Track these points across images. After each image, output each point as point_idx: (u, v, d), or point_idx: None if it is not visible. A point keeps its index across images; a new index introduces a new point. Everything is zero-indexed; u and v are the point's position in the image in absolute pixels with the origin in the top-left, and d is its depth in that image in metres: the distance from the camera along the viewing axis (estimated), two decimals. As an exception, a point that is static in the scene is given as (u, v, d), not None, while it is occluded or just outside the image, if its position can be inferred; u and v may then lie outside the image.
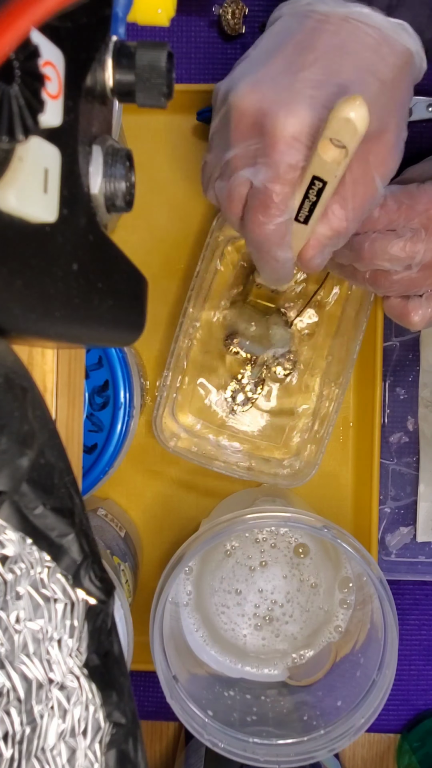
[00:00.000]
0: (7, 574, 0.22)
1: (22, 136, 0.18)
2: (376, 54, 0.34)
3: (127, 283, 0.27)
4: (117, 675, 0.24)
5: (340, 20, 0.34)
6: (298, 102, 0.33)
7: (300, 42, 0.35)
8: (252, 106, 0.34)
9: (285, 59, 0.35)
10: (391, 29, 0.35)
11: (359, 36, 0.34)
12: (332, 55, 0.34)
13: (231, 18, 0.53)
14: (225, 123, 0.36)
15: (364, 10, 0.34)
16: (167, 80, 0.25)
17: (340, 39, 0.34)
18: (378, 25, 0.34)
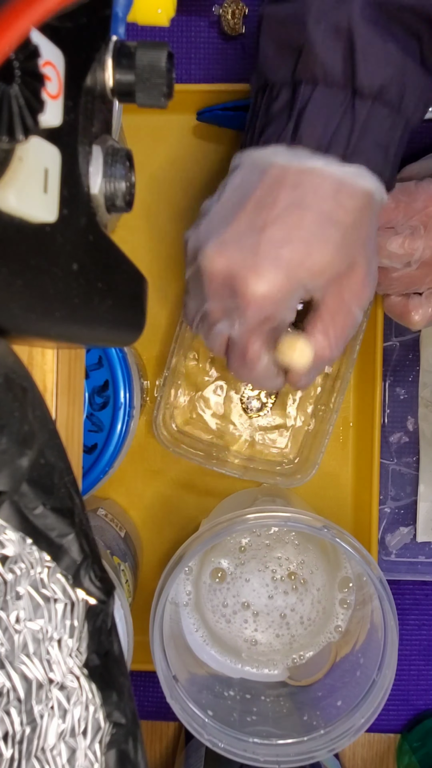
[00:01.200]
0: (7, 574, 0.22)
1: (22, 136, 0.18)
2: (335, 201, 0.36)
3: (127, 283, 0.27)
4: (117, 675, 0.24)
5: (297, 173, 0.36)
6: (263, 264, 0.36)
7: (260, 199, 0.37)
8: (221, 269, 0.37)
9: (247, 217, 0.37)
10: (348, 175, 0.36)
11: (316, 187, 0.36)
12: (292, 210, 0.36)
13: (231, 18, 0.53)
14: (198, 279, 0.39)
15: (319, 162, 0.36)
16: (167, 80, 0.25)
17: (298, 193, 0.36)
18: (333, 174, 0.36)
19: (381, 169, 0.37)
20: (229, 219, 0.37)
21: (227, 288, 0.37)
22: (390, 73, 0.35)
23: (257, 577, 0.52)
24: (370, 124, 0.37)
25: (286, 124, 0.37)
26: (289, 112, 0.37)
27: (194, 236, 0.39)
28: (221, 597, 0.52)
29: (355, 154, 0.36)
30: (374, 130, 0.37)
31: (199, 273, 0.38)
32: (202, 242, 0.38)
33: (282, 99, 0.38)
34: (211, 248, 0.37)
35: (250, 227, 0.36)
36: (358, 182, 0.36)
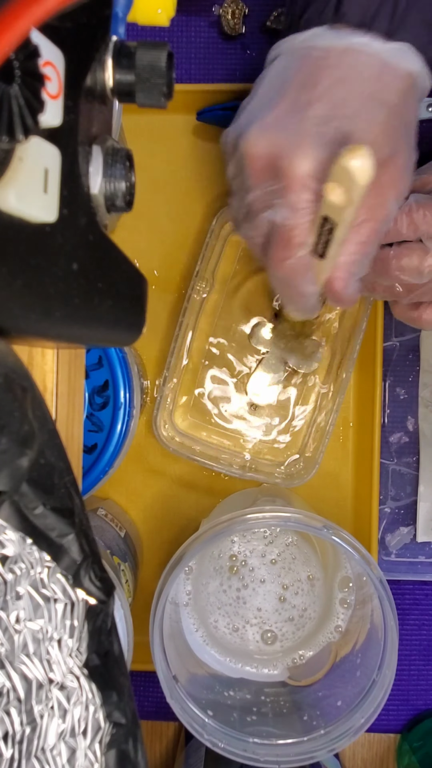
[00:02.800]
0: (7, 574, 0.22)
1: (22, 136, 0.18)
2: (379, 82, 0.35)
3: (127, 283, 0.27)
4: (117, 675, 0.24)
5: (340, 53, 0.35)
6: (307, 142, 0.34)
7: (302, 81, 0.35)
8: (263, 151, 0.35)
9: (289, 100, 0.35)
10: (392, 54, 0.35)
11: (360, 66, 0.35)
12: (335, 89, 0.35)
13: (231, 18, 0.53)
14: (240, 169, 0.37)
15: (362, 39, 0.35)
16: (167, 80, 0.25)
17: (341, 72, 0.35)
18: (378, 53, 0.35)
19: (426, 48, 0.36)
20: (271, 103, 0.36)
21: (271, 170, 0.35)
22: None
23: (257, 576, 0.52)
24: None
25: (327, 2, 0.35)
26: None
27: (234, 128, 0.37)
28: (221, 597, 0.52)
29: (400, 29, 0.35)
30: (420, 4, 0.35)
31: (241, 160, 0.36)
32: (243, 129, 0.36)
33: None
34: (253, 132, 0.35)
35: (293, 108, 0.35)
36: (402, 63, 0.35)
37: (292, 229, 0.36)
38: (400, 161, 0.36)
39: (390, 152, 0.36)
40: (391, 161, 0.36)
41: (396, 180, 0.37)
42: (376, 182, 0.35)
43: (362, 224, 0.36)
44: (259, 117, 0.36)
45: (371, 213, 0.36)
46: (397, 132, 0.36)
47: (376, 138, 0.35)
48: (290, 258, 0.37)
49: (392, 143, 0.36)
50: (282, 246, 0.37)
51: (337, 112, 0.34)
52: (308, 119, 0.34)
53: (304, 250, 0.37)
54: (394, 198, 0.37)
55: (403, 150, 0.37)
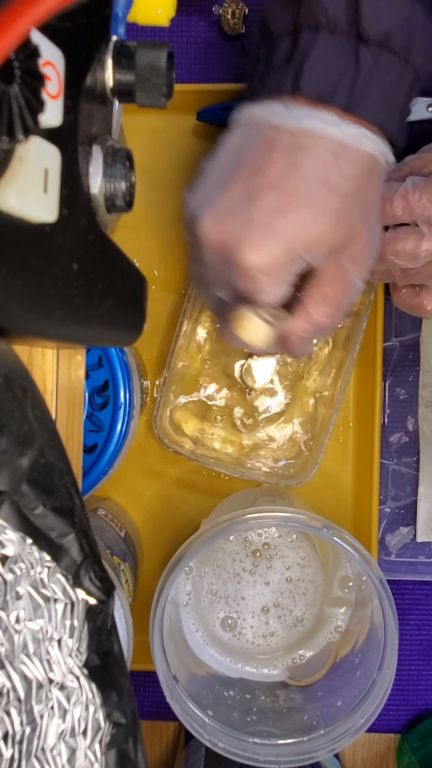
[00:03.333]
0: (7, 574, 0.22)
1: (22, 136, 0.18)
2: (333, 168, 0.34)
3: (127, 283, 0.27)
4: (117, 675, 0.24)
5: (294, 136, 0.34)
6: (257, 235, 0.34)
7: (254, 163, 0.35)
8: (216, 240, 0.36)
9: (242, 184, 0.35)
10: (349, 138, 0.34)
11: (314, 152, 0.34)
12: (287, 176, 0.34)
13: (231, 18, 0.53)
14: (195, 246, 0.38)
15: (317, 123, 0.34)
16: (167, 80, 0.25)
17: (293, 157, 0.34)
18: (333, 137, 0.34)
19: (386, 123, 0.35)
20: (224, 185, 0.36)
21: (222, 258, 0.36)
22: (396, 18, 0.34)
23: (257, 576, 0.52)
24: (376, 72, 0.34)
25: (286, 73, 0.35)
26: (289, 61, 0.35)
27: (191, 202, 0.37)
28: (221, 597, 0.52)
29: (359, 104, 0.34)
30: (380, 79, 0.35)
31: (196, 243, 0.37)
32: (198, 210, 0.36)
33: (283, 48, 0.36)
34: (206, 218, 0.36)
35: (245, 194, 0.35)
36: (360, 145, 0.35)
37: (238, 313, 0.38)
38: (359, 242, 0.37)
39: (346, 236, 0.36)
40: (349, 245, 0.37)
41: (357, 259, 0.37)
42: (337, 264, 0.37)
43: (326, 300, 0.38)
44: (212, 201, 0.36)
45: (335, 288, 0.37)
46: (354, 216, 0.36)
47: (331, 228, 0.35)
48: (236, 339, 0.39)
49: (348, 228, 0.36)
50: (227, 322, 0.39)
51: (288, 204, 0.34)
52: (260, 210, 0.34)
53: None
54: (357, 275, 0.38)
55: (363, 231, 0.37)
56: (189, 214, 0.38)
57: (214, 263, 0.37)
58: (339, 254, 0.36)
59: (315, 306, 0.38)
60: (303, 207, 0.34)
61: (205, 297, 0.42)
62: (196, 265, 0.40)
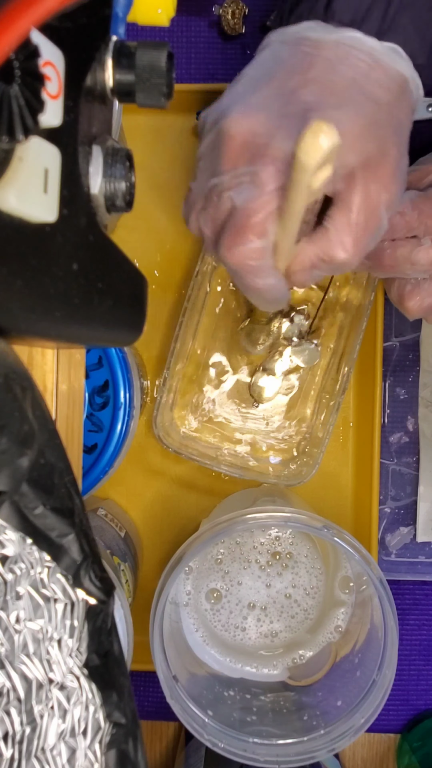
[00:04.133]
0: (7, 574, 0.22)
1: (22, 136, 0.18)
2: (369, 77, 0.33)
3: (127, 283, 0.27)
4: (117, 675, 0.24)
5: (331, 46, 0.34)
6: (288, 125, 0.32)
7: (292, 66, 0.34)
8: (244, 130, 0.33)
9: (277, 83, 0.33)
10: (384, 53, 0.34)
11: (351, 60, 0.33)
12: (324, 78, 0.33)
13: (231, 18, 0.53)
14: (214, 149, 0.34)
15: (355, 34, 0.34)
16: (167, 80, 0.25)
17: (331, 64, 0.33)
18: (369, 49, 0.34)
19: (416, 53, 0.35)
20: (257, 85, 0.34)
21: (247, 152, 0.33)
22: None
23: (246, 575, 0.52)
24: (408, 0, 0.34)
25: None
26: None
27: (216, 107, 0.35)
28: (227, 612, 0.52)
29: (391, 30, 0.34)
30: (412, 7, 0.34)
31: (218, 139, 0.34)
32: (225, 108, 0.34)
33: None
34: (236, 111, 0.33)
35: (281, 91, 0.33)
36: (394, 63, 0.34)
37: (253, 211, 0.32)
38: (389, 163, 0.34)
39: (377, 153, 0.33)
40: (378, 164, 0.33)
41: (386, 184, 0.34)
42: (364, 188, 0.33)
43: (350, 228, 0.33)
44: (243, 98, 0.34)
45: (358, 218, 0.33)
46: (385, 131, 0.34)
47: (364, 132, 0.33)
48: (244, 245, 0.33)
49: (379, 141, 0.33)
50: (238, 230, 0.33)
51: (324, 100, 0.32)
52: (294, 103, 0.32)
53: (260, 239, 0.33)
54: (383, 204, 0.34)
55: (393, 152, 0.34)
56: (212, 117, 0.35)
57: (236, 161, 0.33)
58: (368, 176, 0.33)
59: (336, 232, 0.33)
60: (339, 105, 0.32)
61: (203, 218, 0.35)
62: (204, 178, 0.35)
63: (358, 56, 0.33)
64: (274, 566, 0.52)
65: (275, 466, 0.54)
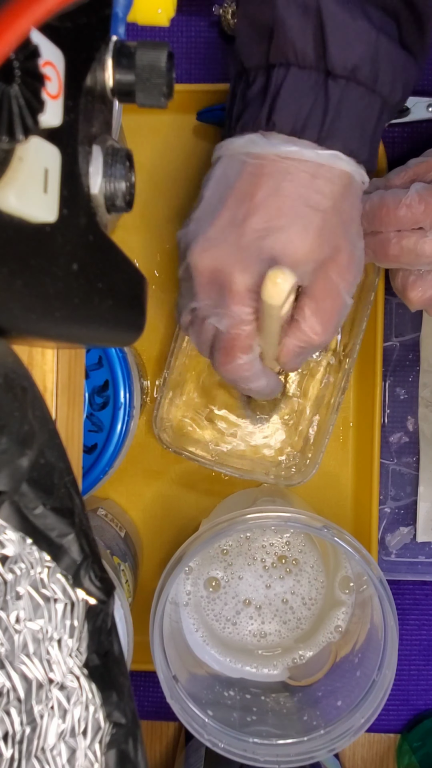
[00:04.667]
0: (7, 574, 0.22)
1: (22, 136, 0.18)
2: (312, 188, 0.36)
3: (127, 283, 0.27)
4: (117, 675, 0.24)
5: (274, 162, 0.36)
6: (245, 258, 0.36)
7: (240, 192, 0.37)
8: (207, 266, 0.37)
9: (229, 212, 0.37)
10: (323, 160, 0.36)
11: (293, 175, 0.36)
12: (270, 200, 0.36)
13: (231, 18, 0.53)
14: (188, 277, 0.39)
15: (294, 148, 0.36)
16: (167, 80, 0.25)
17: (275, 182, 0.36)
18: (310, 159, 0.36)
19: (357, 151, 0.37)
20: (213, 215, 0.38)
21: (214, 284, 0.38)
22: (362, 52, 0.35)
23: (249, 571, 0.52)
24: (345, 104, 0.36)
25: (260, 109, 0.37)
26: (263, 97, 0.37)
27: (183, 235, 0.39)
28: (221, 603, 0.52)
29: (330, 136, 0.36)
30: (349, 111, 0.36)
31: (189, 271, 0.39)
32: (190, 241, 0.38)
33: (257, 84, 0.37)
34: (197, 246, 0.38)
35: (233, 221, 0.37)
36: (336, 164, 0.36)
37: (235, 337, 0.39)
38: (343, 257, 0.38)
39: (330, 251, 0.38)
40: (334, 258, 0.38)
41: (343, 273, 0.38)
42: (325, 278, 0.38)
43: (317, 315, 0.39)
44: (203, 229, 0.38)
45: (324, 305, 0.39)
46: (335, 232, 0.37)
47: (315, 244, 0.37)
48: (233, 363, 0.40)
49: (331, 243, 0.37)
50: (225, 352, 0.39)
51: (272, 224, 0.36)
52: (247, 234, 0.36)
53: (247, 355, 0.39)
54: (344, 290, 0.39)
55: (345, 246, 0.38)
56: (182, 246, 0.40)
57: (207, 291, 0.38)
58: (326, 271, 0.38)
59: (306, 322, 0.39)
60: (287, 226, 0.36)
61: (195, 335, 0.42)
62: (186, 299, 0.41)
63: (300, 168, 0.36)
64: (278, 569, 0.52)
65: (275, 466, 0.54)
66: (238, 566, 0.52)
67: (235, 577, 0.52)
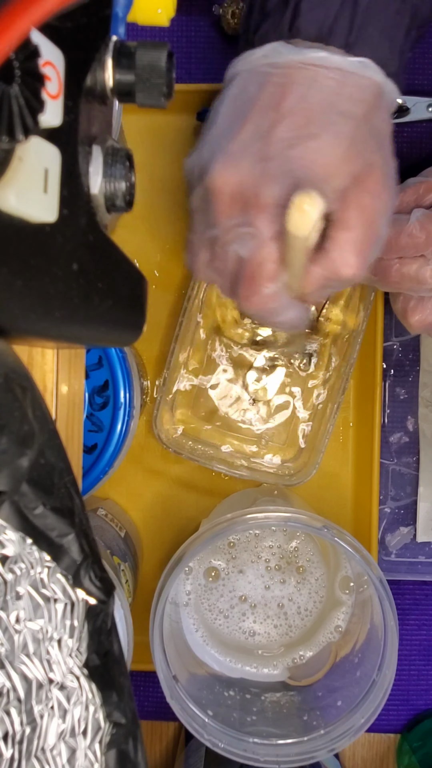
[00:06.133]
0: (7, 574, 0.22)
1: (22, 136, 0.18)
2: (342, 95, 0.33)
3: (127, 283, 0.27)
4: (117, 675, 0.24)
5: (299, 69, 0.33)
6: (273, 168, 0.33)
7: (264, 102, 0.34)
8: (230, 183, 0.33)
9: (252, 123, 0.34)
10: (353, 67, 0.34)
11: (321, 82, 0.33)
12: (298, 107, 0.33)
13: (231, 18, 0.53)
14: (205, 203, 0.35)
15: (320, 53, 0.33)
16: (167, 80, 0.25)
17: (302, 89, 0.33)
18: (338, 66, 0.33)
19: (387, 62, 0.34)
20: (233, 128, 0.34)
21: (239, 202, 0.34)
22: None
23: (251, 568, 0.52)
24: (374, 9, 0.34)
25: (282, 16, 0.34)
26: (285, 4, 0.34)
27: (197, 158, 0.35)
28: (217, 594, 0.52)
29: (358, 43, 0.34)
30: (378, 16, 0.34)
31: (207, 194, 0.35)
32: (207, 161, 0.34)
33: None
34: (218, 164, 0.34)
35: (257, 133, 0.33)
36: (365, 73, 0.34)
37: (261, 261, 0.34)
38: (377, 174, 0.34)
39: (362, 165, 0.34)
40: (366, 177, 0.34)
41: (377, 193, 0.34)
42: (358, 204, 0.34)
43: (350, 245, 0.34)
44: (223, 146, 0.34)
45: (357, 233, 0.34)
46: (366, 144, 0.34)
47: (347, 153, 0.33)
48: (260, 293, 0.35)
49: (363, 156, 0.34)
50: (250, 281, 0.35)
51: (301, 132, 0.33)
52: (273, 143, 0.33)
53: (274, 283, 0.35)
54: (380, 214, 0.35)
55: (379, 162, 0.35)
56: (197, 169, 0.35)
57: (230, 213, 0.34)
58: (359, 191, 0.34)
59: (337, 252, 0.34)
60: (317, 134, 0.33)
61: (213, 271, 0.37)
62: (202, 231, 0.36)
63: (327, 75, 0.33)
64: (281, 572, 0.52)
65: (275, 466, 0.54)
66: (242, 561, 0.52)
67: (236, 571, 0.52)
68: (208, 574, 0.52)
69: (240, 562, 0.52)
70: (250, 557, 0.52)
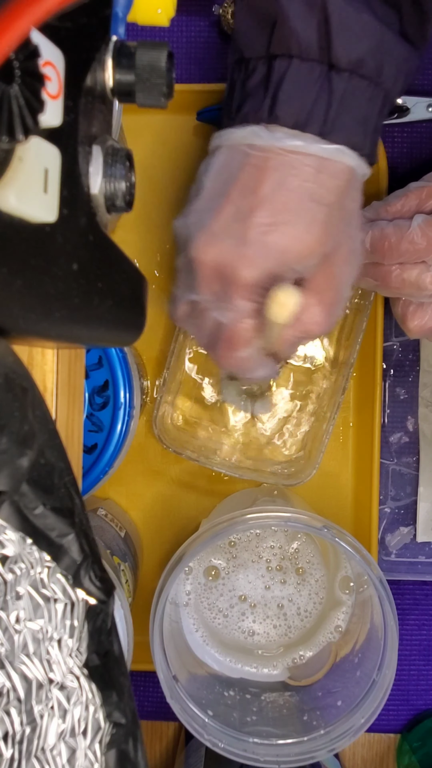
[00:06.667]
0: (7, 574, 0.22)
1: (22, 136, 0.18)
2: (316, 182, 0.36)
3: (127, 283, 0.27)
4: (117, 675, 0.24)
5: (278, 155, 0.36)
6: (251, 251, 0.36)
7: (244, 184, 0.36)
8: (211, 260, 0.37)
9: (233, 205, 0.37)
10: (328, 154, 0.36)
11: (297, 169, 0.36)
12: (276, 194, 0.36)
13: (231, 18, 0.53)
14: (189, 269, 0.39)
15: (298, 142, 0.36)
16: (167, 80, 0.25)
17: (280, 176, 0.36)
18: (314, 153, 0.36)
19: (360, 145, 0.37)
20: (215, 207, 0.37)
21: (218, 278, 0.37)
22: (367, 45, 0.35)
23: (251, 568, 0.52)
24: (348, 98, 0.36)
25: (262, 100, 0.37)
26: (265, 88, 0.37)
27: (183, 226, 0.39)
28: (217, 593, 0.52)
29: (334, 130, 0.36)
30: (352, 104, 0.36)
31: (189, 263, 0.38)
32: (192, 233, 0.38)
33: (258, 74, 0.37)
34: (200, 239, 0.37)
35: (237, 215, 0.36)
36: (339, 160, 0.36)
37: (238, 331, 0.38)
38: (344, 251, 0.39)
39: (334, 245, 0.38)
40: (335, 254, 0.38)
41: (344, 267, 0.39)
42: (326, 272, 0.38)
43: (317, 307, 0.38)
44: (206, 223, 0.37)
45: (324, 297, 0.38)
46: (338, 226, 0.37)
47: (319, 238, 0.36)
48: (235, 356, 0.39)
49: (335, 237, 0.37)
50: (228, 344, 0.39)
51: (278, 219, 0.36)
52: (252, 227, 0.36)
53: (249, 348, 0.39)
54: (345, 282, 0.39)
55: (346, 241, 0.39)
56: (182, 237, 0.39)
57: (209, 284, 0.38)
58: (327, 264, 0.38)
59: (307, 314, 0.38)
60: (293, 221, 0.36)
61: (194, 327, 0.41)
62: (185, 290, 0.40)
63: (304, 162, 0.36)
64: (281, 573, 0.52)
65: (275, 466, 0.54)
66: (242, 560, 0.52)
67: (236, 570, 0.52)
68: (208, 572, 0.52)
69: (240, 562, 0.52)
70: (251, 557, 0.52)
